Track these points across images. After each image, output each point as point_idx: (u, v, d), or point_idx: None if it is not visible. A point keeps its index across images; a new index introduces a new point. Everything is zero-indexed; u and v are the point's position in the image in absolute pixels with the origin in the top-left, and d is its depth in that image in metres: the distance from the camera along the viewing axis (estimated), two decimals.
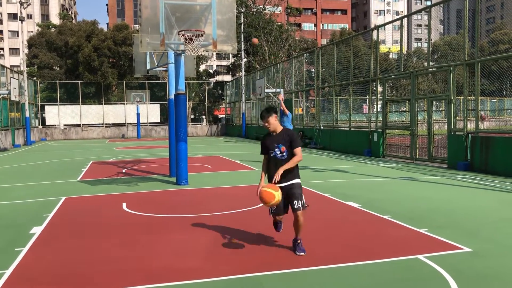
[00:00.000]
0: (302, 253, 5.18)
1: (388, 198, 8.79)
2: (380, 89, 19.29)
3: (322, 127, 22.61)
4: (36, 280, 4.55)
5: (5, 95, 24.85)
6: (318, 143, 22.49)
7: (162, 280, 4.47)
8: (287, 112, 15.05)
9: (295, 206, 5.11)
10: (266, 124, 5.27)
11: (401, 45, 17.42)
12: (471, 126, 13.27)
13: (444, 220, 6.87)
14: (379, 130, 17.49)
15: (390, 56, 54.46)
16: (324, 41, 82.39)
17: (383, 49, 57.04)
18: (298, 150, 5.20)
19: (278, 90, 27.72)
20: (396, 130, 17.51)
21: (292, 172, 5.19)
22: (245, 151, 20.79)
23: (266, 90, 27.94)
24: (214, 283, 4.41)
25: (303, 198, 5.19)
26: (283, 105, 15.28)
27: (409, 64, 43.15)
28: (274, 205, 5.04)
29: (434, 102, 15.98)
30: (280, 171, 5.05)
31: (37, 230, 6.55)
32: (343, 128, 21.15)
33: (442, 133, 15.81)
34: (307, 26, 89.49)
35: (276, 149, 5.19)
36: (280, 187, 5.03)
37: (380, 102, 18.82)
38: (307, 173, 12.62)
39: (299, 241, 5.28)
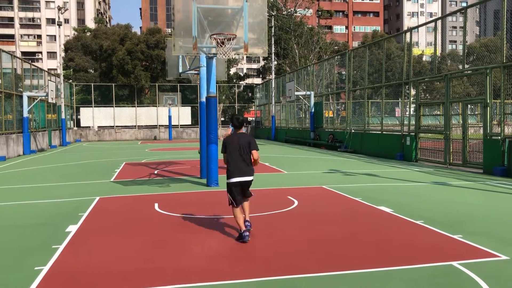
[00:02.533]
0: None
1: (421, 203, 8.62)
2: (413, 92, 18.96)
3: (353, 130, 22.38)
4: (72, 277, 4.68)
5: (43, 98, 25.68)
6: (349, 147, 22.26)
7: (193, 280, 4.53)
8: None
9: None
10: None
11: (435, 48, 17.07)
12: (508, 130, 12.88)
13: (479, 227, 6.69)
14: (412, 133, 17.18)
15: (424, 59, 53.41)
16: (355, 44, 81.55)
17: (416, 51, 55.99)
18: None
19: (308, 93, 27.66)
20: (429, 134, 17.16)
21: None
22: (275, 154, 20.79)
23: (296, 93, 27.89)
24: (245, 284, 4.43)
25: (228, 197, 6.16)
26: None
27: (443, 67, 42.23)
28: None
29: (469, 105, 15.58)
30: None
31: (72, 229, 6.74)
32: (374, 132, 20.87)
33: (478, 138, 15.39)
34: (338, 29, 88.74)
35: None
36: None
37: (413, 105, 18.49)
38: (337, 177, 12.52)
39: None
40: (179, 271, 4.83)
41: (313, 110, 27.33)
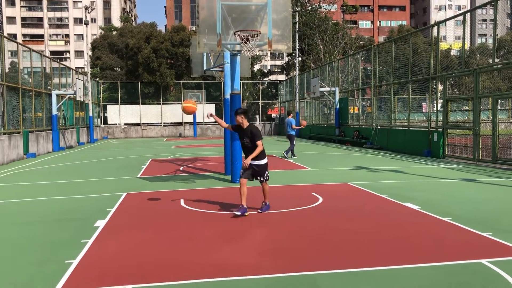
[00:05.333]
0: (266, 211, 7.44)
1: (449, 200, 8.46)
2: (440, 87, 18.59)
3: (379, 127, 22.11)
4: (101, 270, 4.79)
5: (71, 96, 26.24)
6: (374, 143, 22.01)
7: (217, 275, 4.57)
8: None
9: (261, 179, 7.42)
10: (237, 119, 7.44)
11: (463, 41, 16.70)
12: None
13: (510, 224, 6.53)
14: (440, 129, 16.86)
15: (452, 53, 52.26)
16: (381, 39, 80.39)
17: (444, 45, 54.82)
18: (259, 143, 7.24)
19: (333, 89, 27.43)
20: (457, 130, 16.81)
21: (258, 156, 7.24)
22: (299, 150, 20.70)
23: (321, 89, 27.71)
24: (269, 279, 4.45)
25: (265, 174, 7.41)
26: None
27: (472, 61, 41.22)
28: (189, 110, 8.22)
29: (499, 100, 15.18)
30: (248, 160, 7.16)
31: (101, 224, 6.89)
32: (401, 128, 20.56)
33: (508, 133, 14.99)
34: (364, 24, 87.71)
35: (243, 139, 7.38)
36: (250, 164, 7.23)
37: (440, 101, 18.14)
38: (363, 174, 12.40)
39: (266, 203, 7.58)
40: (204, 265, 4.88)
41: (338, 106, 27.11)
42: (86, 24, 33.46)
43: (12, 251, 5.62)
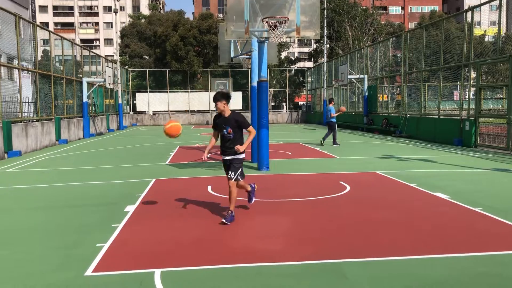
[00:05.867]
0: (230, 222, 5.98)
1: (480, 190, 8.27)
2: (473, 74, 18.06)
3: (408, 115, 21.71)
4: (131, 254, 4.90)
5: (101, 83, 26.70)
6: (404, 132, 21.65)
7: (243, 261, 4.61)
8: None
9: (228, 176, 6.24)
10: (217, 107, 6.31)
11: (499, 27, 16.15)
12: None
13: None
14: (471, 118, 16.43)
15: (486, 39, 50.60)
16: (412, 25, 78.52)
17: (477, 31, 53.11)
18: (251, 128, 6.33)
19: (361, 76, 27.03)
20: (490, 119, 16.34)
21: (233, 149, 6.17)
22: (327, 138, 20.54)
23: (349, 76, 27.35)
24: (294, 266, 4.46)
25: (238, 171, 6.23)
26: None
27: (508, 47, 39.86)
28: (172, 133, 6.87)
29: None
30: (244, 146, 6.14)
31: (130, 209, 7.03)
32: (431, 116, 20.14)
33: None
34: (394, 10, 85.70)
35: (224, 130, 6.26)
36: (224, 160, 6.34)
37: (473, 89, 17.64)
38: (391, 162, 12.24)
39: (231, 212, 6.12)
40: (230, 251, 4.93)
41: (366, 94, 26.73)
42: (115, 12, 33.86)
43: (45, 234, 5.81)
